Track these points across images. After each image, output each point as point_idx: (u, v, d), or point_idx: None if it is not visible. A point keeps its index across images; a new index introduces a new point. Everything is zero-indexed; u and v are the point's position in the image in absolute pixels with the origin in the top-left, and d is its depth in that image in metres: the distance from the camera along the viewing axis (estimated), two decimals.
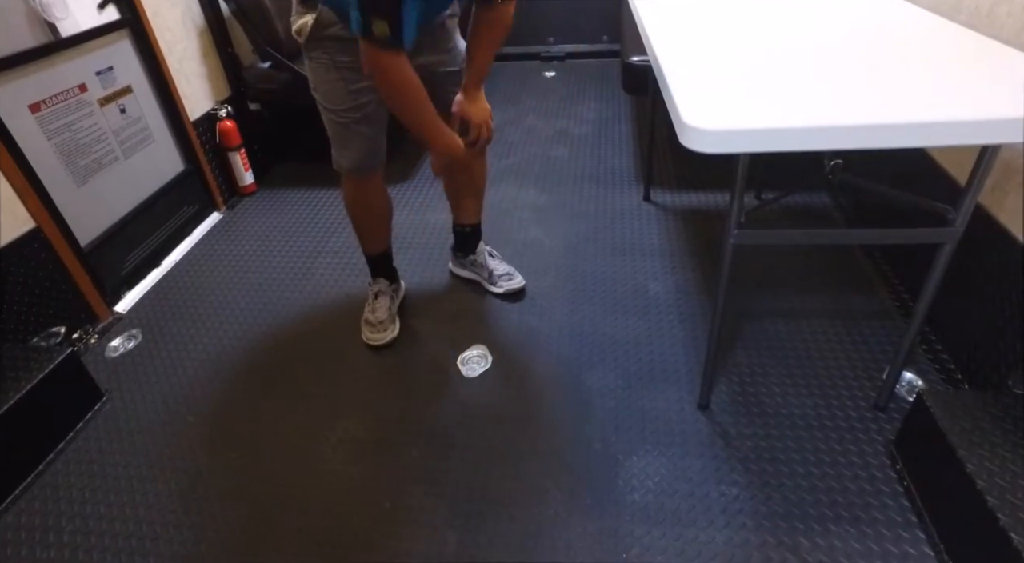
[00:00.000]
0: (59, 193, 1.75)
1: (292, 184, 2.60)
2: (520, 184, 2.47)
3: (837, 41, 1.25)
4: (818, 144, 0.94)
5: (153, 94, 2.15)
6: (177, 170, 2.28)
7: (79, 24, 1.82)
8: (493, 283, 1.87)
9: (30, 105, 1.68)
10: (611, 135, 2.84)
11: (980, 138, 0.94)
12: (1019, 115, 0.88)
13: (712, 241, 2.05)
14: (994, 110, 0.90)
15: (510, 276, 1.86)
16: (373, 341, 1.72)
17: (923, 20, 1.35)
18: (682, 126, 0.95)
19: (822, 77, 1.07)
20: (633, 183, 2.43)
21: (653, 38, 1.31)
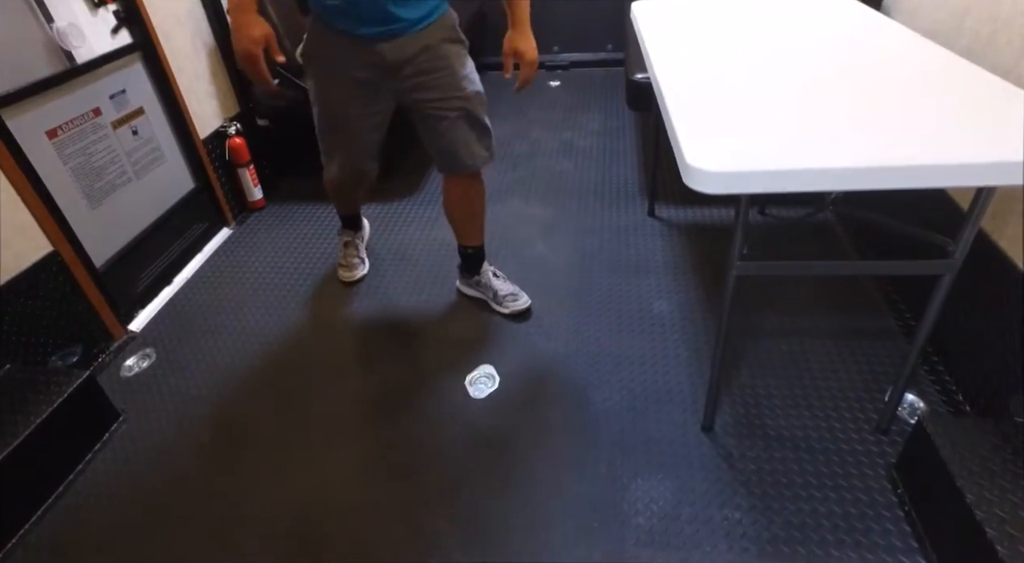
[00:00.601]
0: (75, 216, 1.79)
1: (301, 199, 2.63)
2: (526, 199, 2.49)
3: (838, 72, 1.27)
4: (819, 185, 0.97)
5: (164, 114, 2.19)
6: (188, 188, 2.32)
7: (94, 50, 1.85)
8: (499, 303, 1.90)
9: (47, 131, 1.72)
10: (616, 147, 2.86)
11: (980, 180, 0.97)
12: (1018, 159, 0.90)
13: (716, 258, 2.07)
14: (994, 153, 0.92)
15: (515, 296, 1.88)
16: (346, 279, 2.08)
17: (924, 49, 1.37)
18: (686, 167, 0.98)
19: (823, 113, 1.09)
20: (638, 198, 2.45)
21: (660, 75, 1.32)
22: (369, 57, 1.49)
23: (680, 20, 1.78)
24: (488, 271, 1.93)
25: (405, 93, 1.57)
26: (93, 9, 1.85)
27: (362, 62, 1.51)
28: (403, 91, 1.56)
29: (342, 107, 1.58)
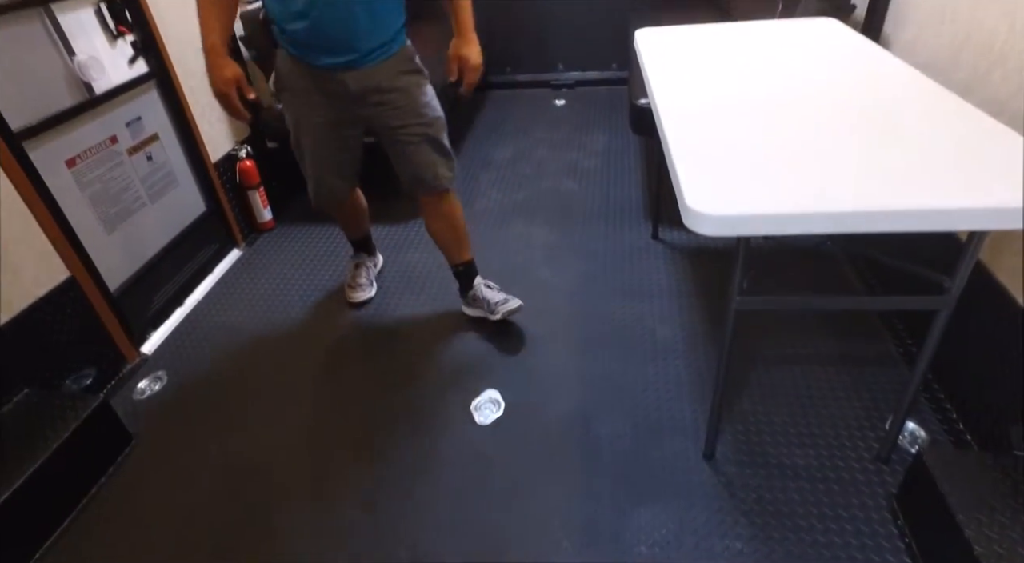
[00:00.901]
0: (91, 242, 1.83)
1: (310, 219, 2.67)
2: (530, 221, 2.53)
3: (836, 111, 1.30)
4: (817, 228, 1.00)
5: (177, 139, 2.24)
6: (199, 211, 2.37)
7: (112, 80, 1.91)
8: (493, 312, 1.93)
9: (67, 160, 1.77)
10: (620, 168, 2.89)
11: (977, 225, 0.99)
12: (1014, 205, 0.93)
13: (717, 283, 2.09)
14: (991, 199, 0.95)
15: (506, 301, 1.92)
16: (353, 300, 2.12)
17: (922, 86, 1.40)
18: (686, 209, 1.01)
19: (821, 154, 1.12)
20: (641, 220, 2.48)
21: (662, 110, 1.36)
22: (333, 86, 1.60)
23: (682, 50, 1.82)
24: (480, 284, 1.99)
25: (370, 119, 1.69)
26: (112, 40, 1.91)
27: (327, 90, 1.61)
28: (368, 117, 1.68)
29: (311, 131, 1.70)
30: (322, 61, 1.55)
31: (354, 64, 1.56)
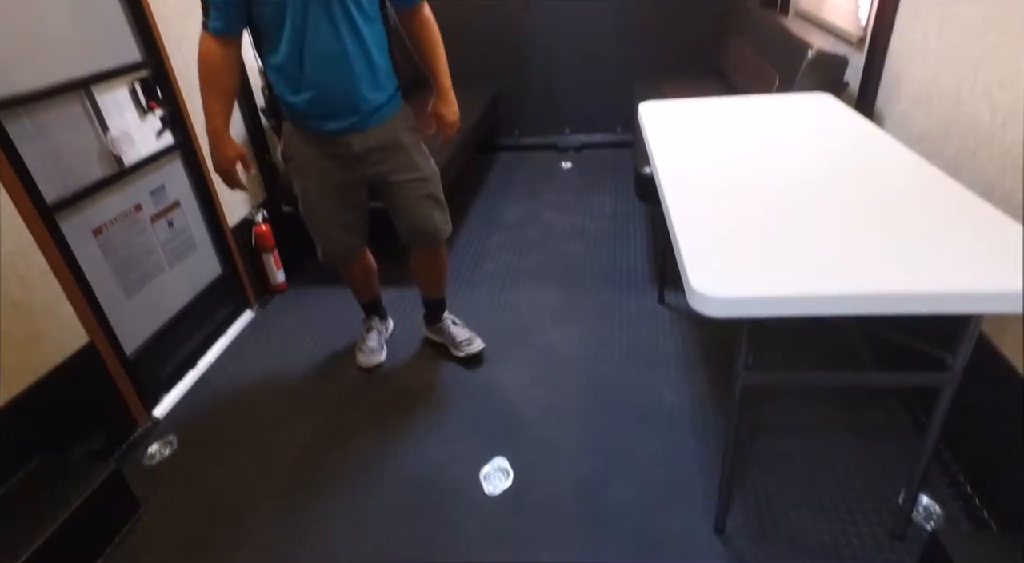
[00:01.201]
0: (111, 307, 1.88)
1: (321, 281, 2.73)
2: (539, 285, 2.57)
3: (835, 190, 1.35)
4: (820, 311, 1.03)
5: (197, 205, 2.32)
6: (215, 274, 2.43)
7: (140, 152, 2.00)
8: (456, 348, 2.14)
9: (94, 229, 1.84)
10: (626, 232, 2.96)
11: (976, 308, 1.02)
12: (1012, 289, 0.96)
13: (724, 350, 2.11)
14: (988, 284, 0.98)
15: (469, 342, 2.13)
16: (364, 364, 2.14)
17: (915, 166, 1.45)
18: (691, 291, 1.05)
19: (821, 235, 1.16)
20: (647, 284, 2.52)
21: (666, 187, 1.42)
22: (339, 148, 1.72)
23: (684, 123, 1.90)
24: (448, 319, 2.18)
25: (373, 176, 1.80)
26: (143, 115, 2.02)
27: (333, 153, 1.73)
28: (371, 175, 1.80)
29: (320, 193, 1.80)
30: (328, 127, 1.67)
31: (358, 126, 1.68)
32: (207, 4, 1.53)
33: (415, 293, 2.59)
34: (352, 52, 1.58)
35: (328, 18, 1.52)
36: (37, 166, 1.62)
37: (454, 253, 2.86)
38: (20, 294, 1.58)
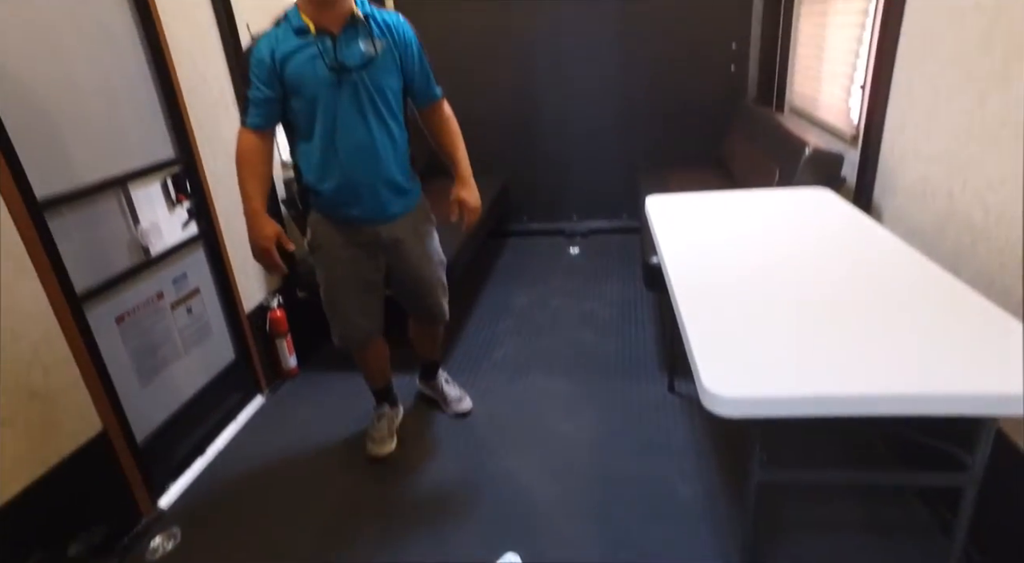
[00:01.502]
0: (126, 394, 1.89)
1: (333, 367, 2.75)
2: (548, 373, 2.58)
3: (837, 286, 1.40)
4: (831, 411, 1.04)
5: (216, 292, 2.39)
6: (228, 359, 2.45)
7: (166, 243, 2.08)
8: (447, 405, 2.33)
9: (117, 317, 1.89)
10: (634, 319, 2.99)
11: (987, 410, 1.03)
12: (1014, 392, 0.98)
13: (737, 440, 2.09)
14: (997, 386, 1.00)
15: (459, 399, 2.32)
16: (373, 453, 2.12)
17: (915, 262, 1.50)
18: (703, 391, 1.07)
19: (828, 334, 1.19)
20: (657, 372, 2.52)
21: (675, 282, 1.47)
22: (365, 237, 1.84)
23: (689, 216, 1.98)
24: (441, 378, 2.36)
25: (392, 263, 1.92)
26: (171, 208, 2.11)
27: (359, 241, 1.85)
28: (391, 263, 1.92)
29: (343, 279, 1.89)
30: (354, 215, 1.79)
31: (384, 216, 1.81)
32: (247, 103, 1.67)
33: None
34: (380, 144, 1.72)
35: (359, 112, 1.67)
36: (71, 258, 1.69)
37: (464, 339, 2.89)
38: (41, 383, 1.61)
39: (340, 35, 1.63)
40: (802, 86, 3.13)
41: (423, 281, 1.97)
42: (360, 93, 1.66)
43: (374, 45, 1.65)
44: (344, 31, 1.63)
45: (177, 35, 2.10)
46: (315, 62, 1.62)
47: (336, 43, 1.62)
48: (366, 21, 1.66)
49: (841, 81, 2.53)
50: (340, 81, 1.63)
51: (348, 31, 1.64)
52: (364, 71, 1.65)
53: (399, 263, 1.92)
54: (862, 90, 2.28)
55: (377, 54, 1.66)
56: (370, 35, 1.66)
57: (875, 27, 2.14)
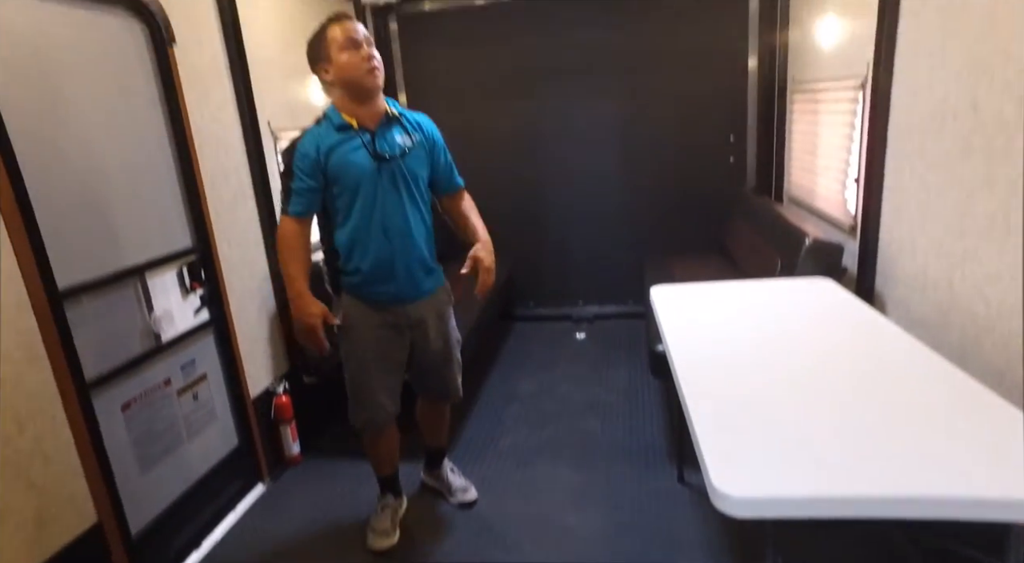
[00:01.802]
0: (125, 483, 1.86)
1: (337, 455, 2.70)
2: (554, 462, 2.53)
3: (844, 381, 1.40)
4: (846, 513, 1.02)
5: (223, 378, 2.39)
6: (231, 446, 2.42)
7: (178, 329, 2.12)
8: (452, 495, 2.28)
9: (123, 404, 1.89)
10: (641, 406, 2.95)
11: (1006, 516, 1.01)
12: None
13: (751, 536, 2.00)
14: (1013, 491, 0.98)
15: (465, 489, 2.28)
16: (376, 546, 2.06)
17: (921, 356, 1.50)
18: (713, 490, 1.05)
19: (838, 432, 1.18)
20: (666, 462, 2.46)
21: (682, 375, 1.47)
22: (396, 317, 1.93)
23: (694, 307, 2.00)
24: (446, 466, 2.33)
25: (415, 342, 1.99)
26: (185, 295, 2.16)
27: (391, 322, 1.93)
28: (414, 342, 1.99)
29: (373, 360, 1.94)
30: (388, 294, 1.89)
31: (414, 296, 1.93)
32: (289, 193, 1.80)
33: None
34: (414, 225, 1.87)
35: (396, 197, 1.83)
36: (83, 345, 1.71)
37: (469, 426, 2.85)
38: (41, 474, 1.59)
39: (376, 130, 1.82)
40: (799, 177, 3.24)
41: (442, 359, 2.05)
42: (398, 179, 1.82)
43: (410, 137, 1.86)
44: (380, 126, 1.83)
45: (203, 131, 2.24)
46: (358, 153, 1.79)
47: (375, 136, 1.81)
48: (399, 118, 1.86)
49: (836, 174, 2.63)
50: (380, 169, 1.80)
51: (384, 126, 1.84)
52: (401, 160, 1.83)
53: (421, 341, 1.99)
54: (856, 183, 2.36)
55: (413, 145, 1.86)
56: (404, 129, 1.86)
57: (864, 126, 2.26)
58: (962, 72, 1.65)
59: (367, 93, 1.80)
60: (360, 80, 1.77)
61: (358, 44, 1.76)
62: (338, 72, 1.77)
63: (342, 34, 1.76)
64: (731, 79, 3.70)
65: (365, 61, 1.76)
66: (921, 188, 1.89)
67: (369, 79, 1.77)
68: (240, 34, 2.45)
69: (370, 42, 1.80)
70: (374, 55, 1.78)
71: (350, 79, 1.78)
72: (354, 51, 1.76)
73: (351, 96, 1.81)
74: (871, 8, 2.13)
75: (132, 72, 1.98)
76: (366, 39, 1.79)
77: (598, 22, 3.73)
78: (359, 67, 1.76)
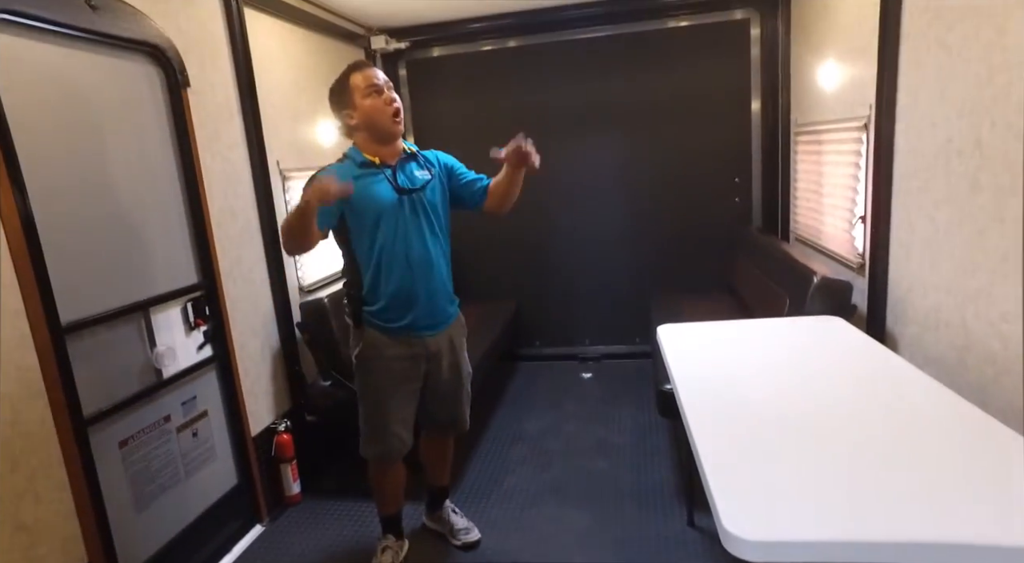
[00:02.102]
0: (118, 524, 1.81)
1: (337, 495, 2.63)
2: (562, 502, 2.46)
3: (857, 421, 1.35)
4: (860, 558, 0.97)
5: (224, 415, 2.36)
6: (230, 485, 2.37)
7: (180, 365, 2.10)
8: (454, 536, 2.23)
9: (120, 441, 1.86)
10: (649, 447, 2.89)
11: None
12: None
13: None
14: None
15: (467, 531, 2.24)
16: None
17: (936, 395, 1.46)
18: (725, 533, 1.00)
19: (853, 473, 1.14)
20: (675, 504, 2.39)
21: (690, 416, 1.43)
22: (415, 348, 1.95)
23: (701, 346, 1.97)
24: (448, 507, 2.30)
25: (429, 373, 2.00)
26: (188, 332, 2.16)
27: (410, 353, 1.94)
28: (429, 372, 1.99)
29: (392, 390, 1.95)
30: (407, 324, 1.90)
31: (433, 326, 1.95)
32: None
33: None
34: (435, 255, 1.91)
35: (417, 227, 1.87)
36: (83, 381, 1.70)
37: (473, 466, 2.79)
38: (31, 515, 1.55)
39: (396, 165, 1.90)
40: (805, 217, 3.24)
41: (453, 389, 2.07)
42: (418, 210, 1.88)
43: (428, 171, 1.94)
44: (399, 162, 1.91)
45: (212, 170, 2.27)
46: (381, 186, 1.85)
47: (395, 171, 1.89)
48: (415, 155, 1.96)
49: (842, 213, 2.63)
50: (402, 200, 1.86)
51: (403, 162, 1.92)
52: (422, 192, 1.90)
53: (435, 372, 2.01)
54: (863, 222, 2.36)
55: (431, 178, 1.94)
56: (421, 165, 1.95)
57: (868, 165, 2.26)
58: (964, 112, 1.66)
59: (391, 136, 1.89)
60: (385, 125, 1.86)
61: (380, 90, 1.84)
62: (363, 117, 1.85)
63: (364, 81, 1.84)
64: (735, 121, 3.74)
65: (388, 105, 1.84)
66: (929, 225, 1.88)
67: (393, 123, 1.86)
68: (252, 77, 2.52)
69: (390, 86, 1.88)
70: (395, 99, 1.86)
71: (375, 123, 1.86)
72: (377, 97, 1.84)
73: (375, 139, 1.88)
74: (871, 53, 2.17)
75: (146, 113, 2.03)
76: (387, 84, 1.87)
77: (602, 67, 3.81)
78: (384, 112, 1.84)
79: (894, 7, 2.01)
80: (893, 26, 2.02)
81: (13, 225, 1.53)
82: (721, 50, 3.68)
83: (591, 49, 3.80)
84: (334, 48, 3.36)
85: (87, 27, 1.77)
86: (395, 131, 1.88)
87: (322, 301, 2.67)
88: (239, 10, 2.43)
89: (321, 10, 3.12)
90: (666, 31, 3.72)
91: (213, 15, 2.34)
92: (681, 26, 3.71)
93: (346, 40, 3.49)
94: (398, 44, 3.75)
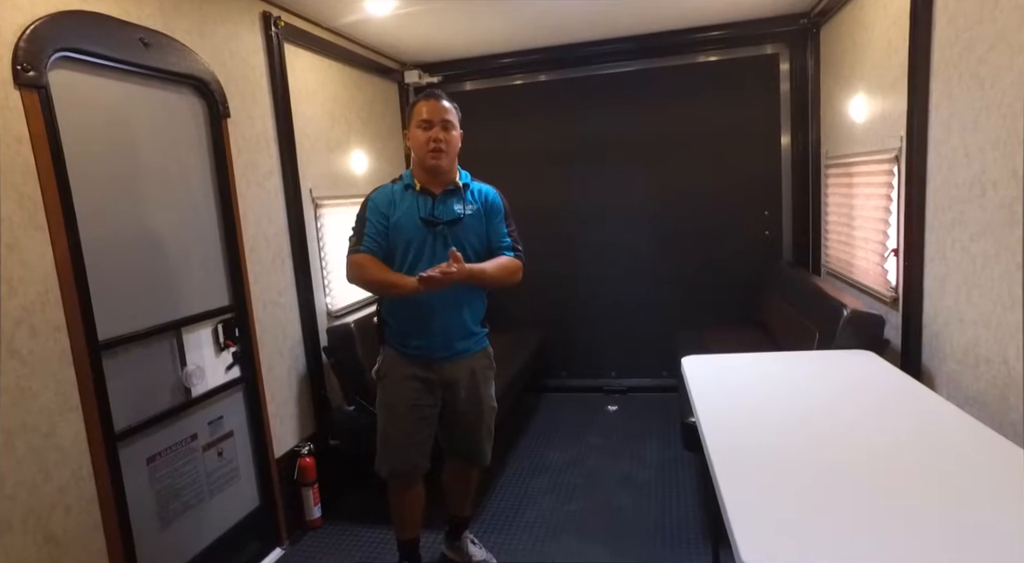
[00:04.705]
0: (142, 539, 1.84)
1: (358, 520, 2.63)
2: (584, 537, 2.40)
3: (889, 458, 1.30)
4: None
5: (249, 436, 2.39)
6: (252, 506, 2.38)
7: (208, 385, 2.15)
8: None
9: (148, 457, 1.90)
10: (674, 483, 2.81)
11: None
12: None
13: None
14: None
15: (485, 562, 2.22)
16: None
17: (979, 434, 1.40)
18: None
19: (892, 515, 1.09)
20: (700, 541, 2.32)
21: (713, 450, 1.40)
22: (430, 373, 1.99)
23: (727, 378, 1.93)
24: (467, 538, 2.28)
25: (447, 401, 2.03)
26: (218, 352, 2.21)
27: (425, 377, 1.98)
28: (447, 400, 2.02)
29: (404, 410, 1.98)
30: (425, 348, 1.96)
31: (451, 354, 1.98)
32: (362, 236, 1.93)
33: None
34: (459, 291, 1.91)
35: (441, 258, 1.87)
36: (116, 396, 1.75)
37: (495, 497, 2.76)
38: (60, 526, 1.58)
39: (439, 195, 1.97)
40: (836, 250, 3.19)
41: (472, 423, 2.07)
42: (448, 242, 1.92)
43: (465, 208, 1.98)
44: (443, 193, 1.98)
45: (248, 197, 2.35)
46: (413, 213, 1.94)
47: (435, 201, 1.96)
48: (464, 189, 2.01)
49: (874, 246, 2.58)
50: (427, 231, 1.93)
51: (449, 194, 1.99)
52: (455, 226, 1.95)
53: (452, 402, 2.03)
54: (895, 254, 2.31)
55: (465, 215, 1.98)
56: (463, 200, 1.99)
57: (900, 198, 2.23)
58: (998, 143, 1.63)
59: (429, 168, 1.96)
60: (422, 158, 1.95)
61: (430, 125, 1.93)
62: (410, 144, 2.00)
63: (419, 113, 1.95)
64: (764, 155, 3.73)
65: (428, 142, 1.92)
66: (965, 258, 1.83)
67: (429, 159, 1.94)
68: (289, 109, 2.62)
69: (445, 124, 1.95)
70: (439, 139, 1.93)
71: (415, 153, 1.98)
72: (423, 131, 1.93)
73: (419, 166, 1.99)
74: (901, 86, 2.15)
75: (189, 142, 2.12)
76: (441, 122, 1.94)
77: (632, 101, 3.85)
78: (423, 146, 1.94)
79: (923, 40, 2.00)
80: (923, 58, 2.01)
81: (61, 246, 1.61)
82: (750, 84, 3.70)
83: (620, 83, 3.85)
84: (368, 81, 3.48)
85: (140, 62, 1.88)
86: (429, 165, 1.94)
87: (349, 326, 2.70)
88: (280, 46, 2.55)
89: (357, 46, 3.25)
90: (695, 66, 3.75)
91: (255, 51, 2.45)
92: (711, 61, 3.75)
93: (380, 74, 3.61)
94: (431, 78, 3.86)
